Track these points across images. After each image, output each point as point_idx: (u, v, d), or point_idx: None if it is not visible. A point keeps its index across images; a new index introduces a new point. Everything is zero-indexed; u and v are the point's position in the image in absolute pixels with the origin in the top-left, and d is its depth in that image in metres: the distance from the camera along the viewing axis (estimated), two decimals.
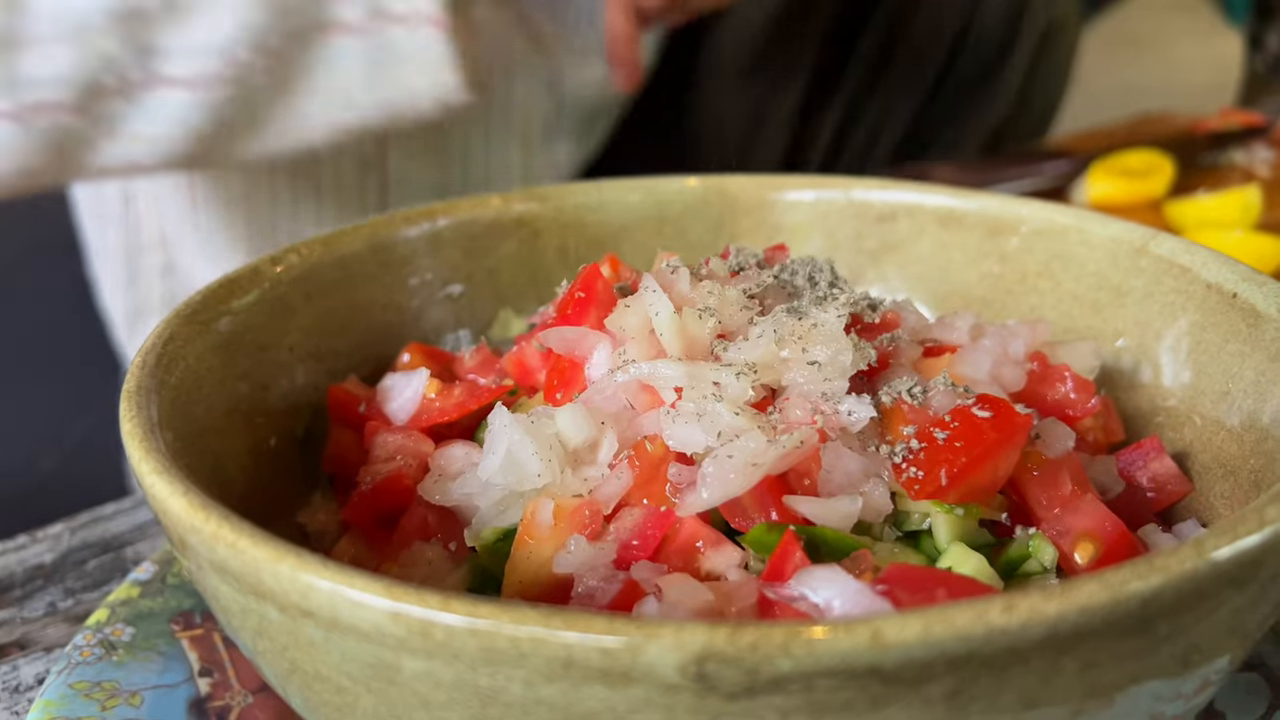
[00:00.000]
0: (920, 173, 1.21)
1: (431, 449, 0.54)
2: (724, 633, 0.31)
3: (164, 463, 0.42)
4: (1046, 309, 0.65)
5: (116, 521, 0.74)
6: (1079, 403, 0.55)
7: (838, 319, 0.50)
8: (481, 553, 0.49)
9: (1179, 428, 0.57)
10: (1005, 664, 0.33)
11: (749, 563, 0.45)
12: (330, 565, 0.35)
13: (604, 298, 0.54)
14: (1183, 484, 0.54)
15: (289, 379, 0.60)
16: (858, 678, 0.32)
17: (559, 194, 0.72)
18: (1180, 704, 0.39)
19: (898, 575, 0.40)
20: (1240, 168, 1.31)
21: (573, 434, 0.49)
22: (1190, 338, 0.57)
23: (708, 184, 0.73)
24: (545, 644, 0.32)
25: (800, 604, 0.40)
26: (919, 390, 0.50)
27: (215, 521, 0.38)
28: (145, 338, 0.52)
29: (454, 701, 0.35)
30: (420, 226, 0.68)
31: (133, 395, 0.47)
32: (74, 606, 0.66)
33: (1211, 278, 0.56)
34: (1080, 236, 0.64)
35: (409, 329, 0.68)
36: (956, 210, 0.69)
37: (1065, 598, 0.32)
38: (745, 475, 0.45)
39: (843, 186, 0.72)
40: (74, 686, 0.54)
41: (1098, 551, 0.48)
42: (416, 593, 0.33)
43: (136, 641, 0.58)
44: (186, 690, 0.55)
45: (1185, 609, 0.35)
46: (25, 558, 0.71)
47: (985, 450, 0.47)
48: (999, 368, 0.54)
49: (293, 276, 0.61)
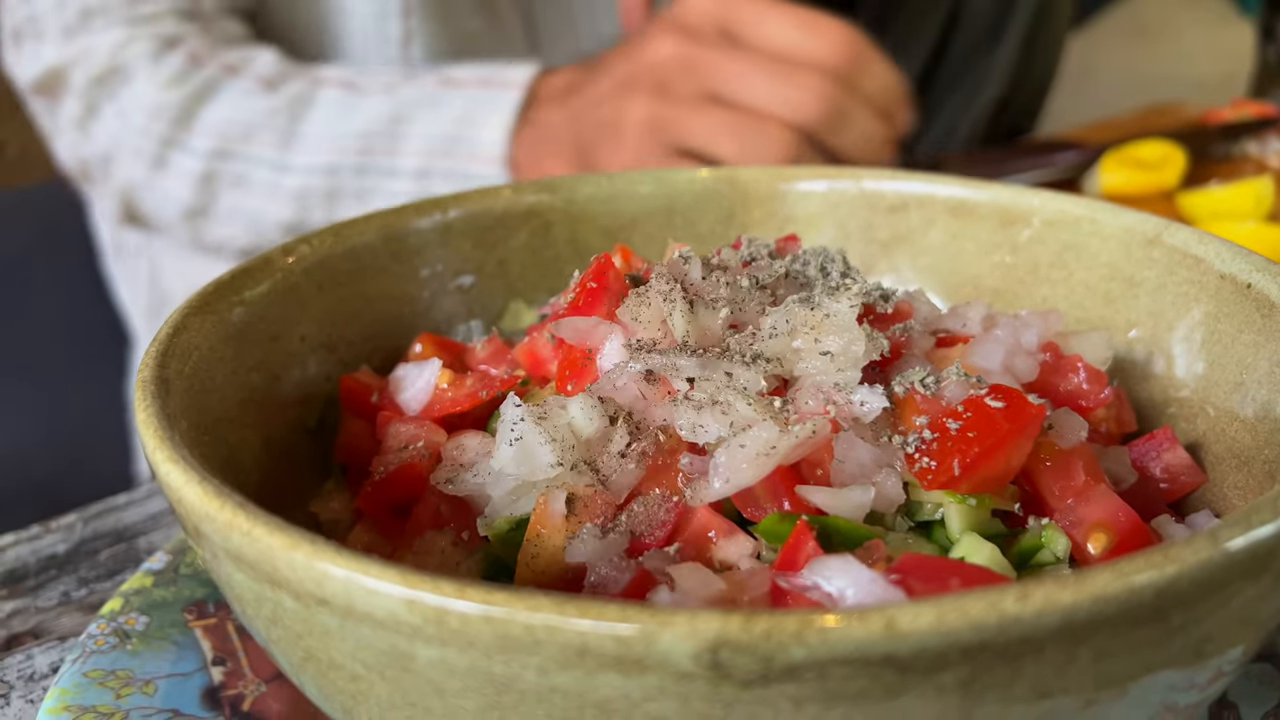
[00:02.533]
0: (932, 163, 1.21)
1: (444, 439, 0.54)
2: (738, 621, 0.31)
3: (178, 452, 0.42)
4: (1059, 300, 0.65)
5: (129, 511, 0.75)
6: (1092, 393, 0.55)
7: (850, 309, 0.50)
8: (494, 542, 0.49)
9: (1192, 419, 0.57)
10: (1019, 653, 0.33)
11: (761, 553, 0.45)
12: (345, 553, 0.35)
13: (615, 288, 0.54)
14: (1196, 475, 0.54)
15: (301, 369, 0.61)
16: (872, 666, 0.32)
17: (570, 185, 0.72)
18: (1194, 694, 0.39)
19: (911, 565, 0.40)
20: (1253, 159, 1.30)
21: (585, 424, 0.49)
22: (1204, 328, 0.57)
23: (718, 175, 0.73)
24: (559, 632, 0.32)
25: (813, 593, 0.40)
26: (932, 380, 0.49)
27: (230, 510, 0.38)
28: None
29: (468, 689, 0.35)
30: (431, 218, 0.68)
31: (147, 385, 0.47)
32: (88, 596, 0.66)
33: (1225, 268, 0.56)
34: (1093, 227, 0.64)
35: (420, 320, 0.68)
36: (968, 201, 0.69)
37: (1079, 587, 0.32)
38: (758, 465, 0.45)
39: (854, 177, 0.72)
40: (88, 675, 0.55)
41: (1111, 542, 0.48)
42: (431, 580, 0.33)
43: (150, 630, 0.58)
44: (200, 679, 0.55)
45: (1199, 599, 0.35)
46: (39, 547, 0.71)
47: (998, 441, 0.46)
48: (1012, 358, 0.54)
49: (304, 267, 0.61)
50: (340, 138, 1.16)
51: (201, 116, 1.19)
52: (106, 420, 1.53)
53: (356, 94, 1.17)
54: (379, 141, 1.15)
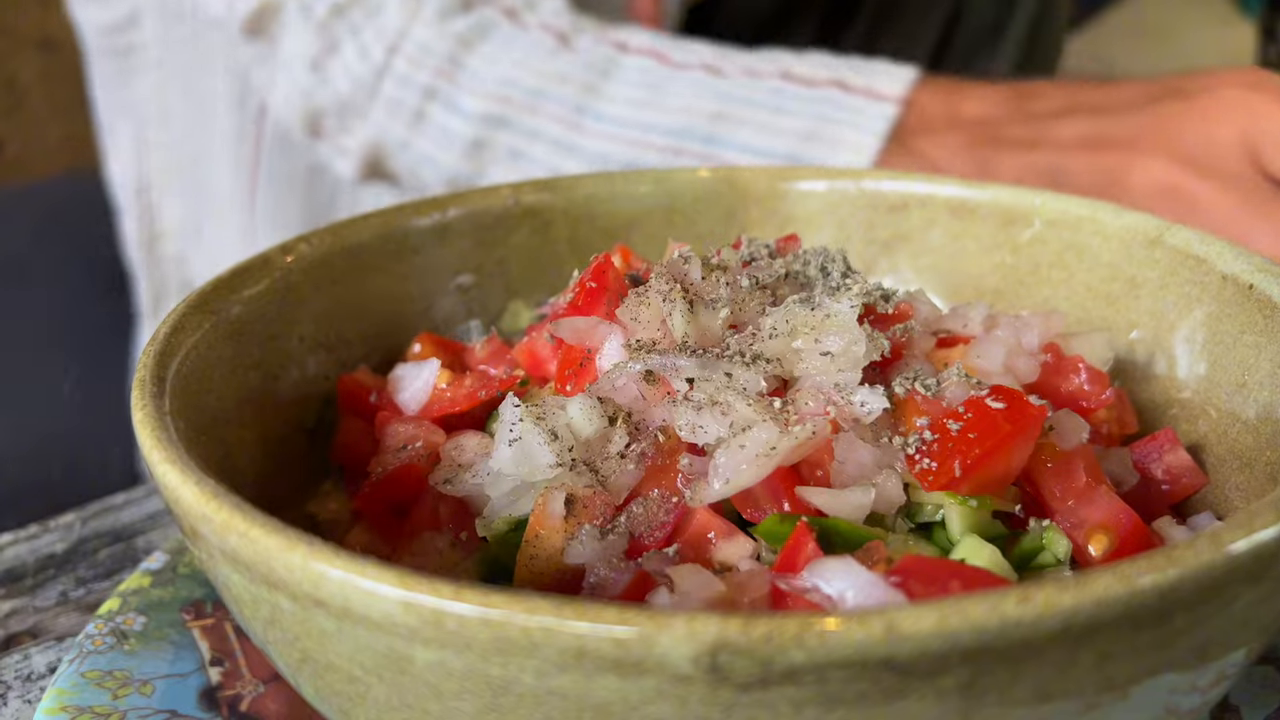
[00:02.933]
0: None
1: (443, 439, 0.54)
2: (737, 624, 0.31)
3: (175, 452, 0.42)
4: (1060, 300, 0.65)
5: (127, 511, 0.74)
6: (1093, 394, 0.54)
7: (851, 309, 0.50)
8: (493, 543, 0.49)
9: (1194, 420, 0.57)
10: (1020, 656, 0.33)
11: (761, 554, 0.45)
12: (342, 554, 0.35)
13: (615, 288, 0.54)
14: (1198, 476, 0.54)
15: (299, 368, 0.60)
16: (872, 669, 0.32)
17: (569, 184, 0.72)
18: (1196, 697, 0.39)
19: (911, 567, 0.40)
20: None
21: (584, 424, 0.48)
22: (1206, 329, 0.57)
23: (718, 174, 0.73)
24: (557, 634, 0.32)
25: (813, 595, 0.40)
26: (932, 381, 0.49)
27: (227, 511, 0.38)
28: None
29: (466, 691, 0.35)
30: (430, 217, 0.68)
31: (144, 384, 0.47)
32: (85, 595, 0.66)
33: (1227, 269, 0.56)
34: (1094, 227, 0.64)
35: (419, 319, 0.68)
36: (969, 201, 0.68)
37: (1081, 590, 0.32)
38: (757, 466, 0.45)
39: (854, 177, 0.72)
40: (86, 675, 0.54)
41: (1112, 544, 0.48)
42: (429, 582, 0.33)
43: (148, 630, 0.58)
44: (198, 679, 0.55)
45: (1202, 602, 0.34)
46: (37, 547, 0.71)
47: (999, 442, 0.46)
48: (1013, 359, 0.53)
49: (303, 266, 0.61)
50: (646, 129, 0.93)
51: (473, 68, 0.98)
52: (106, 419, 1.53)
53: (671, 70, 0.94)
54: (693, 144, 0.92)
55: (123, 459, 1.51)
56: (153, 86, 1.33)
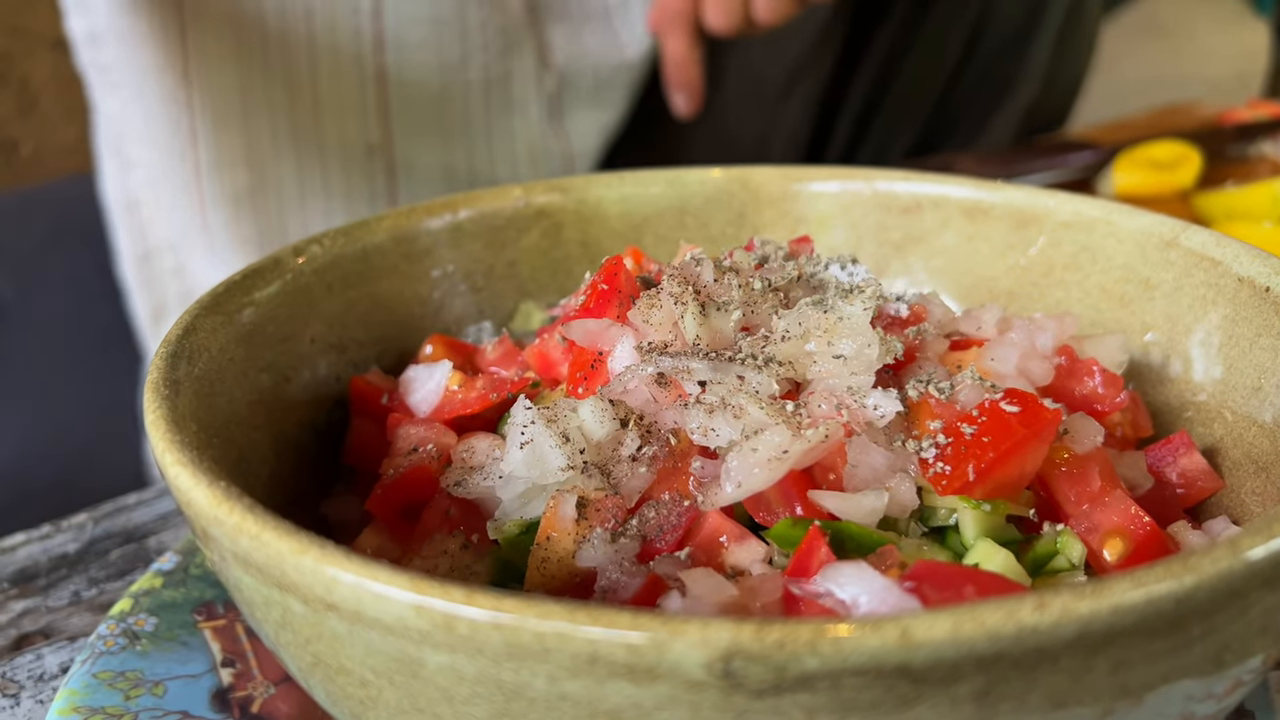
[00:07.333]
0: (944, 164, 1.21)
1: (454, 441, 0.54)
2: (750, 630, 0.31)
3: (188, 454, 0.42)
4: (1074, 302, 0.65)
5: (139, 511, 0.75)
6: (1107, 397, 0.54)
7: (864, 312, 0.50)
8: (504, 545, 0.49)
9: (1209, 423, 0.56)
10: (1035, 663, 0.32)
11: (773, 558, 0.45)
12: (354, 558, 0.35)
13: (627, 290, 0.54)
14: (1213, 480, 0.54)
15: (311, 370, 0.60)
16: (886, 677, 0.31)
17: (580, 185, 0.72)
18: (1211, 704, 0.38)
19: (925, 572, 0.39)
20: (1269, 159, 1.29)
21: (596, 427, 0.48)
22: (1221, 332, 0.56)
23: (730, 175, 0.73)
24: (570, 639, 0.32)
25: (826, 600, 0.40)
26: (946, 384, 0.49)
27: (239, 513, 0.38)
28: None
29: (477, 696, 0.35)
30: (442, 218, 0.68)
31: (157, 387, 0.47)
32: (98, 596, 0.66)
33: (1244, 271, 0.56)
34: (1108, 229, 0.63)
35: (430, 321, 0.68)
36: (983, 202, 0.68)
37: (1097, 597, 0.32)
38: (770, 469, 0.45)
39: (866, 178, 0.71)
40: (98, 676, 0.55)
41: (1127, 548, 0.47)
42: (441, 586, 0.33)
43: (160, 631, 0.58)
44: (209, 680, 0.55)
45: (1219, 609, 0.34)
46: (49, 547, 0.71)
47: (1013, 445, 0.46)
48: (1026, 362, 0.53)
49: (315, 267, 0.61)
50: None
51: None
52: (118, 420, 1.54)
53: None
54: None
55: (133, 460, 1.52)
56: (122, 104, 1.32)
